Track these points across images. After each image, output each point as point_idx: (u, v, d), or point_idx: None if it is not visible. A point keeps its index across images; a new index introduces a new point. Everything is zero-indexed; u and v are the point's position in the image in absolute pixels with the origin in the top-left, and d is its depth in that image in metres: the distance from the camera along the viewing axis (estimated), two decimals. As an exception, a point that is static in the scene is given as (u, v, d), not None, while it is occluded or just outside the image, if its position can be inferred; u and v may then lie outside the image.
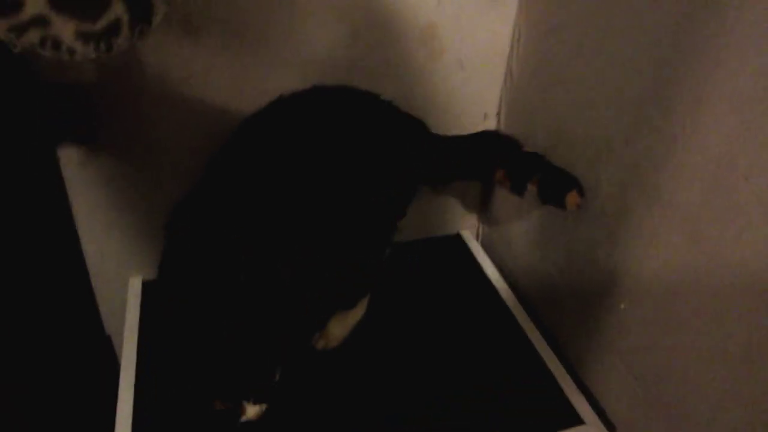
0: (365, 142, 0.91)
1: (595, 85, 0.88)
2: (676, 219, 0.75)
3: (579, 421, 0.91)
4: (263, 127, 0.90)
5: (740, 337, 0.68)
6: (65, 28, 0.58)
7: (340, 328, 1.02)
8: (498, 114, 1.17)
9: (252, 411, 0.77)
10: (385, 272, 1.03)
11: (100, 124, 0.99)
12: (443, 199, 1.28)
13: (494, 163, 0.95)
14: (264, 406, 0.79)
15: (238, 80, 1.00)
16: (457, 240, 1.31)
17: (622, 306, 0.86)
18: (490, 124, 1.18)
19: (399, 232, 0.99)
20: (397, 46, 1.05)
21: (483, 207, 1.29)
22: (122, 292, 1.13)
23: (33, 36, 0.57)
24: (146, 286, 1.14)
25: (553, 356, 1.01)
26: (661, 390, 0.82)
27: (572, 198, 0.90)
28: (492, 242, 1.27)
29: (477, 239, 1.32)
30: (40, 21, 0.57)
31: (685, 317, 0.76)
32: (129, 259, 1.13)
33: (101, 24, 0.59)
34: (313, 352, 1.01)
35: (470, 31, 1.07)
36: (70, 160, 1.00)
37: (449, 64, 1.11)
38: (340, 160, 0.88)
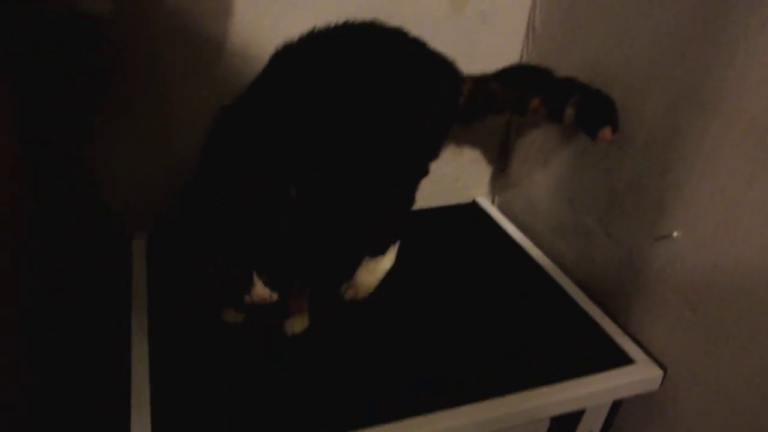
0: (399, 75, 0.87)
1: (635, 14, 0.87)
2: (738, 132, 0.73)
3: (628, 360, 0.87)
4: (298, 57, 0.85)
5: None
6: None
7: (369, 276, 0.96)
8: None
9: (261, 290, 0.71)
10: (410, 225, 0.99)
11: (112, 63, 0.93)
12: (456, 168, 1.24)
13: (529, 91, 0.93)
14: (274, 296, 0.73)
15: (256, 22, 0.96)
16: (474, 207, 1.27)
17: (675, 234, 0.83)
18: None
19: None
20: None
21: (499, 172, 1.26)
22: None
23: None
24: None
25: (592, 304, 0.97)
26: (722, 321, 0.79)
27: (606, 133, 0.87)
28: (511, 206, 1.24)
29: (493, 205, 1.28)
30: None
31: (746, 232, 0.73)
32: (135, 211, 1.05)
33: None
34: (342, 303, 0.95)
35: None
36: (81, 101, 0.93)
37: (471, 16, 1.09)
38: (376, 94, 0.84)
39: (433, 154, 0.94)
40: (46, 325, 0.90)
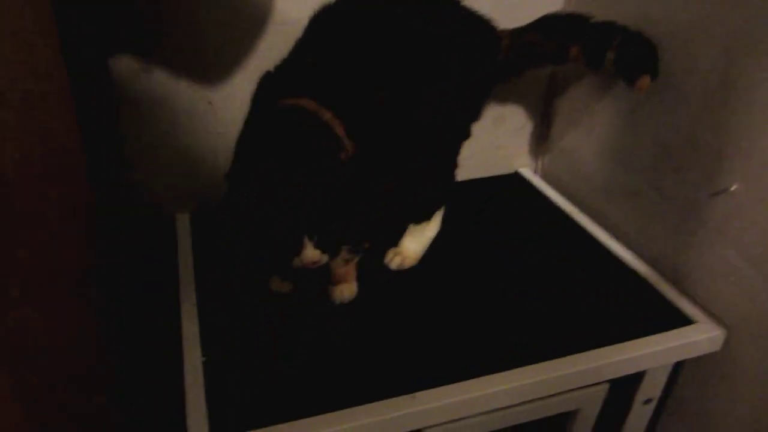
0: (438, 35, 0.85)
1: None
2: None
3: (688, 321, 0.84)
4: (337, 17, 0.84)
5: None
6: None
7: (415, 243, 0.95)
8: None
9: (311, 252, 0.70)
10: (454, 192, 0.97)
11: (153, 32, 0.93)
12: (497, 137, 1.22)
13: (567, 39, 0.90)
14: (324, 258, 0.72)
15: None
16: (516, 177, 1.25)
17: (734, 187, 0.80)
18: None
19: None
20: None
21: (541, 141, 1.24)
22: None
23: None
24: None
25: (646, 266, 0.94)
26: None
27: (644, 82, 0.86)
28: (555, 174, 1.21)
29: (536, 174, 1.26)
30: None
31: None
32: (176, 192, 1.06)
33: None
34: (389, 273, 0.94)
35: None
36: (121, 73, 0.93)
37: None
38: (416, 54, 0.83)
39: (475, 114, 0.93)
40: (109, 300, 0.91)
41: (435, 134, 0.86)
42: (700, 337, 0.82)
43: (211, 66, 0.97)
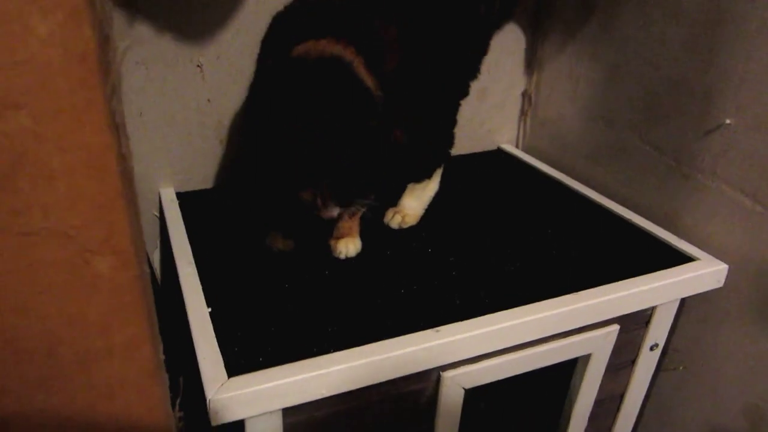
0: None
1: None
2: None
3: (690, 259, 0.86)
4: None
5: None
6: None
7: (416, 201, 0.94)
8: None
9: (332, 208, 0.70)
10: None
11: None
12: (480, 113, 1.23)
13: None
14: (335, 212, 0.72)
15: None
16: (500, 152, 1.26)
17: (728, 121, 0.83)
18: None
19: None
20: None
21: (524, 114, 1.26)
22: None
23: None
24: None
25: (642, 218, 0.96)
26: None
27: None
28: (539, 145, 1.23)
29: (518, 149, 1.28)
30: None
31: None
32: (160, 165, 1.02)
33: None
34: (389, 232, 0.92)
35: None
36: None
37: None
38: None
39: (476, 71, 0.94)
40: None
41: (444, 85, 0.86)
42: (705, 270, 0.83)
43: (200, 22, 0.95)
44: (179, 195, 1.02)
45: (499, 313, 0.73)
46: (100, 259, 0.29)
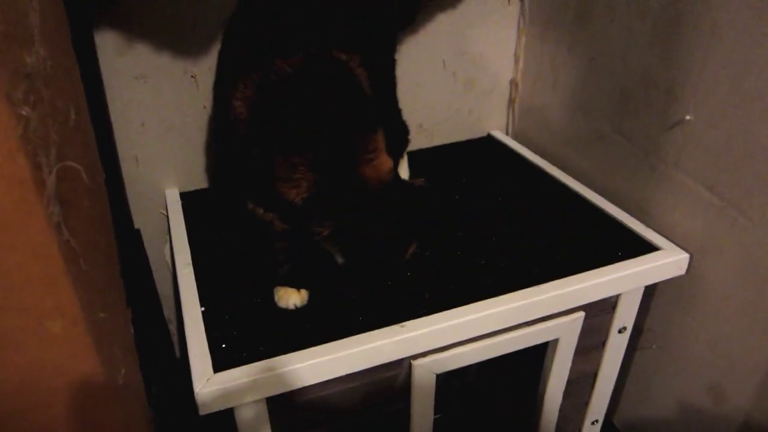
0: None
1: None
2: (735, 6, 0.76)
3: (654, 248, 0.90)
4: None
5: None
6: None
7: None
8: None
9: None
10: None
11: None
12: (468, 101, 1.28)
13: None
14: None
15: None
16: (490, 139, 1.30)
17: (688, 117, 0.86)
18: None
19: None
20: None
21: (512, 100, 1.29)
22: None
23: None
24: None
25: (613, 206, 1.00)
26: (738, 195, 0.81)
27: None
28: (526, 132, 1.28)
29: (507, 135, 1.32)
30: None
31: (754, 102, 0.76)
32: (164, 168, 1.10)
33: None
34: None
35: None
36: (106, 47, 0.97)
37: None
38: None
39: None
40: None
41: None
42: (666, 260, 0.88)
43: (192, 38, 1.01)
44: (183, 195, 1.10)
45: (462, 307, 0.79)
46: (51, 323, 0.37)
